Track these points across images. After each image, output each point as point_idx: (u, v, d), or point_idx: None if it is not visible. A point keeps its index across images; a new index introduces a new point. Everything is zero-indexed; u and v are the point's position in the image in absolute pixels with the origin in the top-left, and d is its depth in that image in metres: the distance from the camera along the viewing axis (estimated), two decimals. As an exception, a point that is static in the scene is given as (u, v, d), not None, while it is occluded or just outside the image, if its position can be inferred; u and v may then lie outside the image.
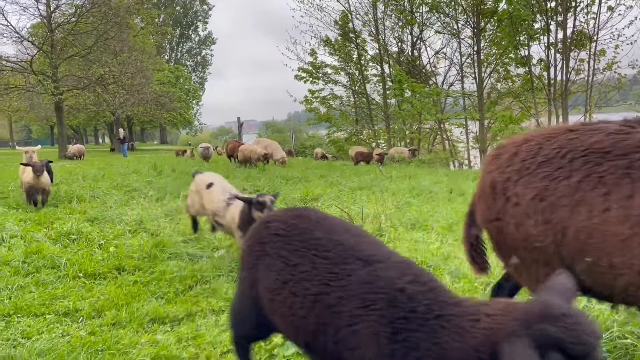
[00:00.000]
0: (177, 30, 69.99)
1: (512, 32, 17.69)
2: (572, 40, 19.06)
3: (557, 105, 19.41)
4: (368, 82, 28.61)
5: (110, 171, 14.75)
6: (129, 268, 4.89)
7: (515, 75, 21.23)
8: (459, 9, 20.21)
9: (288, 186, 11.01)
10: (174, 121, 53.23)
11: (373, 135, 28.04)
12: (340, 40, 27.68)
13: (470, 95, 21.56)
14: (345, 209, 6.95)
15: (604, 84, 19.29)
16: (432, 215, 6.84)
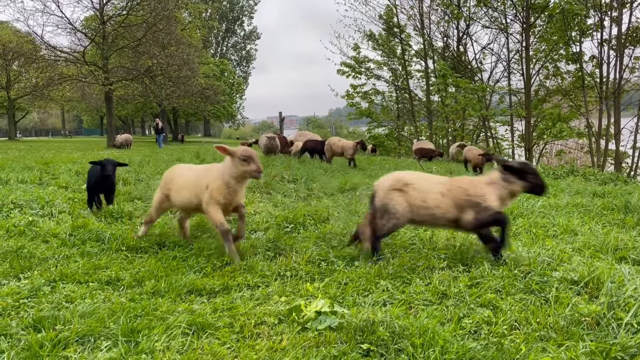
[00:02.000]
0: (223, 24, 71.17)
1: (564, 27, 17.04)
2: (627, 36, 18.20)
3: (609, 105, 18.60)
4: (411, 77, 28.26)
5: (155, 158, 15.16)
6: (169, 244, 5.03)
7: (565, 72, 20.46)
8: (508, 3, 19.63)
9: (326, 176, 11.02)
10: (217, 114, 54.19)
11: (414, 132, 27.70)
12: (384, 35, 27.43)
13: (517, 92, 20.94)
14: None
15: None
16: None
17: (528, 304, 3.33)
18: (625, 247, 4.71)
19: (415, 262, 4.27)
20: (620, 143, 18.57)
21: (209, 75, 47.53)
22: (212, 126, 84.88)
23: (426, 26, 24.93)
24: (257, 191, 8.32)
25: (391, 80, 28.93)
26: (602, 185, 11.81)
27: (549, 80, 21.16)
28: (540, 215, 6.24)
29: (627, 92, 19.41)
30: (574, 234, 5.33)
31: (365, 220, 4.55)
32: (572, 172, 13.34)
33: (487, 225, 4.23)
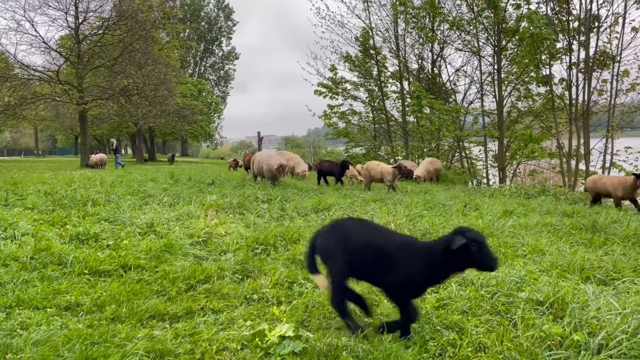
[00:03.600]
0: (202, 44, 71.30)
1: (534, 50, 17.50)
2: (594, 60, 18.78)
3: (579, 126, 19.07)
4: (387, 98, 28.61)
5: (128, 179, 14.92)
6: (135, 267, 4.90)
7: (536, 94, 20.94)
8: (480, 27, 20.11)
9: (301, 196, 10.98)
10: (195, 134, 53.85)
11: (391, 152, 27.93)
12: (360, 57, 27.80)
13: (490, 113, 21.34)
14: (356, 217, 6.87)
15: (627, 105, 18.92)
16: (444, 227, 6.72)
17: (494, 326, 3.31)
18: (591, 266, 4.76)
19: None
20: (590, 163, 19.01)
21: (187, 95, 47.40)
22: (190, 146, 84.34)
23: (401, 48, 25.36)
24: (230, 211, 8.23)
25: (367, 101, 29.24)
26: (572, 204, 12.03)
27: (520, 102, 21.62)
28: (510, 235, 6.29)
29: (596, 113, 19.93)
30: (542, 254, 5.38)
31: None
32: (544, 191, 13.56)
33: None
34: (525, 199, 13.02)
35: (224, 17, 72.60)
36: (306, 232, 5.99)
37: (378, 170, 13.91)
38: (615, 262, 4.85)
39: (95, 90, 31.47)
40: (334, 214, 8.05)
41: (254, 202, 9.26)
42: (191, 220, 7.22)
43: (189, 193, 10.89)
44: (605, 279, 4.42)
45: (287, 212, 8.00)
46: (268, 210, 8.39)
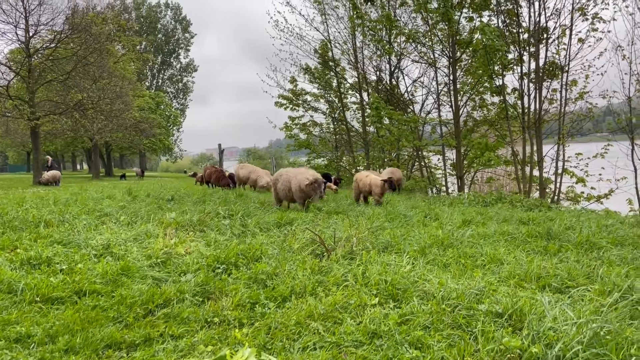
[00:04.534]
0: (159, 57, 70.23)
1: (487, 62, 18.04)
2: (544, 70, 19.51)
3: (532, 134, 19.73)
4: (347, 109, 28.91)
5: (83, 196, 14.46)
6: (90, 292, 4.72)
7: (490, 103, 21.59)
8: (435, 40, 20.62)
9: (263, 210, 10.89)
10: (153, 147, 52.83)
11: (353, 162, 28.16)
12: (319, 69, 28.00)
13: (447, 123, 21.84)
14: (318, 232, 6.86)
15: (576, 113, 19.70)
16: (405, 239, 6.79)
17: (455, 340, 3.35)
18: (547, 274, 4.90)
19: (347, 299, 4.23)
20: (543, 170, 19.66)
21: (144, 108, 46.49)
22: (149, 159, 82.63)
23: (360, 60, 25.69)
24: (190, 229, 8.07)
25: (328, 112, 29.45)
26: (527, 211, 12.41)
27: (476, 111, 22.22)
28: (469, 245, 6.41)
29: (547, 122, 20.67)
30: (500, 263, 5.50)
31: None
32: (500, 199, 13.94)
33: None
34: (483, 207, 13.34)
35: (182, 29, 71.84)
36: (268, 249, 5.92)
37: (367, 183, 13.17)
38: (570, 269, 5.01)
39: (48, 105, 30.45)
40: (297, 228, 8.01)
41: (214, 219, 9.13)
42: (149, 240, 7.03)
43: (148, 210, 10.64)
44: (561, 287, 4.56)
45: (249, 228, 7.91)
46: (229, 226, 8.28)
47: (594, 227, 7.91)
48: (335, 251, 5.79)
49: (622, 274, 4.83)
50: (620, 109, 18.38)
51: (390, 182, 12.72)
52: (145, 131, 43.54)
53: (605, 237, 6.82)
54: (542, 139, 19.64)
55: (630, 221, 10.10)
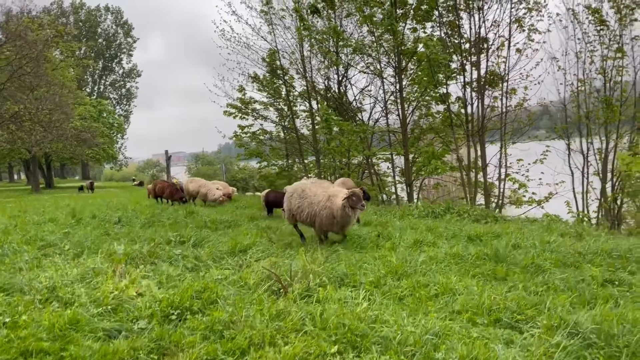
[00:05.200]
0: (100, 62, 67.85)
1: (431, 72, 18.52)
2: (485, 79, 20.26)
3: (475, 141, 20.45)
4: (297, 117, 28.94)
5: (22, 220, 13.76)
6: (37, 352, 4.48)
7: (436, 112, 22.22)
8: (381, 50, 20.98)
9: (217, 235, 10.73)
10: (97, 157, 50.94)
11: (304, 170, 28.22)
12: (268, 77, 27.88)
13: (395, 131, 22.28)
14: (274, 264, 6.84)
15: (517, 120, 20.58)
16: (360, 267, 6.87)
17: (415, 395, 3.42)
18: (497, 307, 5.08)
19: (307, 348, 4.23)
20: (487, 176, 20.43)
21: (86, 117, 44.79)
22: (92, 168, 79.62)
23: (308, 69, 25.79)
24: (140, 261, 7.83)
25: (278, 120, 29.37)
26: (475, 222, 12.84)
27: (422, 120, 22.77)
28: (422, 272, 6.56)
29: (490, 129, 21.49)
30: (453, 294, 5.66)
31: None
32: (449, 209, 14.34)
33: None
34: (433, 218, 13.70)
35: (124, 33, 69.73)
36: (224, 290, 5.82)
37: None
38: (519, 299, 5.21)
39: (-20, 118, 28.85)
40: (252, 256, 7.94)
41: (166, 247, 8.92)
42: (98, 279, 6.77)
43: (94, 237, 10.28)
44: (512, 322, 4.74)
45: (201, 259, 7.76)
46: (182, 256, 8.10)
47: (538, 243, 8.28)
48: (293, 287, 5.78)
49: (567, 304, 5.09)
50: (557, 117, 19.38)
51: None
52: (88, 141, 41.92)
53: (549, 258, 7.16)
54: (485, 146, 20.38)
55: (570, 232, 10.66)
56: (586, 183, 17.98)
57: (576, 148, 18.07)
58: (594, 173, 17.71)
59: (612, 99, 16.73)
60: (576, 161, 18.14)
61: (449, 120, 20.75)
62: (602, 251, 7.67)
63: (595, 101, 17.46)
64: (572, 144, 18.21)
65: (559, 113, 19.27)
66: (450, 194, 25.65)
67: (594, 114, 17.32)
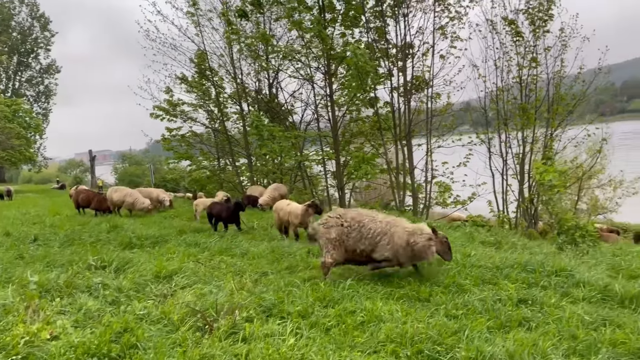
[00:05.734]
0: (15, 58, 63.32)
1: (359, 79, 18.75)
2: (412, 85, 20.85)
3: (403, 144, 21.02)
4: (228, 119, 28.45)
5: None
6: None
7: (366, 116, 22.58)
8: (311, 56, 21.02)
9: (142, 254, 10.32)
10: (12, 160, 47.52)
11: (236, 173, 27.82)
12: (196, 78, 27.15)
13: (326, 135, 22.43)
14: (198, 297, 6.66)
15: (442, 124, 21.35)
16: (289, 294, 6.83)
17: None
18: (420, 337, 5.21)
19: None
20: (415, 178, 21.09)
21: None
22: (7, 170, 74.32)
23: (238, 70, 25.38)
24: (57, 294, 7.36)
25: (208, 122, 28.72)
26: (403, 230, 13.15)
27: (353, 124, 23.07)
28: (349, 297, 6.62)
29: (418, 132, 22.16)
30: (379, 321, 5.75)
31: None
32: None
33: None
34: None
35: (40, 27, 65.40)
36: (145, 331, 5.58)
37: (287, 211, 12.01)
38: (440, 327, 5.38)
39: None
40: (179, 283, 7.69)
41: (86, 274, 8.44)
42: (8, 319, 6.29)
43: (6, 262, 9.60)
44: (433, 354, 4.88)
45: (123, 290, 7.40)
46: (102, 285, 7.69)
47: (460, 257, 8.62)
48: (219, 323, 5.65)
49: (484, 330, 5.32)
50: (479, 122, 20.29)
51: (314, 205, 11.56)
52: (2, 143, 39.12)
53: (469, 275, 7.46)
54: (412, 150, 21.00)
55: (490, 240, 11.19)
56: (505, 185, 18.95)
57: (496, 152, 18.98)
58: (512, 175, 18.69)
59: (527, 106, 17.72)
60: (497, 164, 19.08)
61: (378, 124, 21.18)
62: (517, 264, 8.10)
63: (512, 108, 18.42)
64: (492, 147, 19.11)
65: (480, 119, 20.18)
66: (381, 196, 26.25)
67: (512, 121, 18.27)
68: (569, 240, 10.98)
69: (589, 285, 6.87)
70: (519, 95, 18.31)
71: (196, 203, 18.34)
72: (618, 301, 6.48)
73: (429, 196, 21.06)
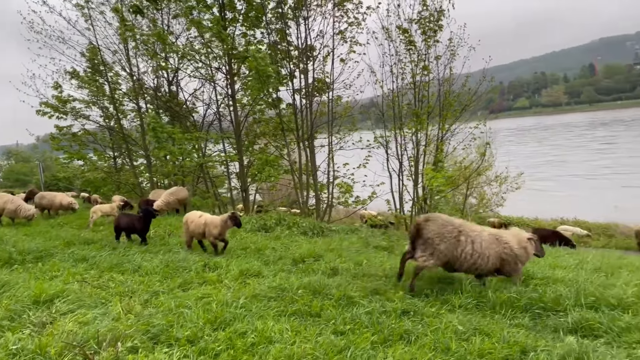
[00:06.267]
0: None
1: (260, 81, 18.66)
2: (313, 87, 21.14)
3: (306, 145, 21.29)
4: (125, 117, 27.10)
5: None
6: None
7: (269, 118, 22.55)
8: (212, 56, 20.56)
9: (22, 272, 9.55)
10: None
11: (134, 175, 26.61)
12: (89, 74, 25.51)
13: (229, 136, 22.11)
14: (81, 325, 6.31)
15: (343, 127, 21.88)
16: (179, 315, 6.67)
17: None
18: (307, 358, 5.34)
19: None
20: (317, 179, 21.47)
21: None
22: None
23: (135, 67, 24.21)
24: None
25: (103, 120, 27.14)
26: (303, 235, 13.39)
27: (256, 125, 22.94)
28: (241, 317, 6.61)
29: (321, 132, 22.54)
30: (269, 342, 5.80)
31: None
32: (280, 222, 14.73)
33: None
34: (264, 232, 13.95)
35: None
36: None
37: (201, 223, 11.40)
38: (326, 347, 5.55)
39: None
40: (60, 309, 7.21)
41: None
42: None
43: None
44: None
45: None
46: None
47: (353, 266, 8.94)
48: (100, 356, 5.40)
49: (368, 346, 5.57)
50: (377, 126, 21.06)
51: (234, 217, 11.15)
52: None
53: (359, 286, 7.76)
54: (314, 152, 21.34)
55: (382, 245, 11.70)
56: (402, 185, 19.87)
57: (393, 154, 19.83)
58: (407, 176, 19.65)
59: (419, 112, 18.68)
60: (394, 165, 19.92)
61: (281, 125, 21.26)
62: (405, 272, 8.55)
63: (407, 112, 19.33)
64: (389, 150, 19.93)
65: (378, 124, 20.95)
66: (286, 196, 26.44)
67: (406, 125, 19.16)
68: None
69: (465, 292, 7.42)
70: (413, 100, 19.22)
71: (94, 210, 17.34)
72: (491, 307, 7.07)
73: (331, 196, 21.54)
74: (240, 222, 11.36)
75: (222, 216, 11.38)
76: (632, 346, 5.40)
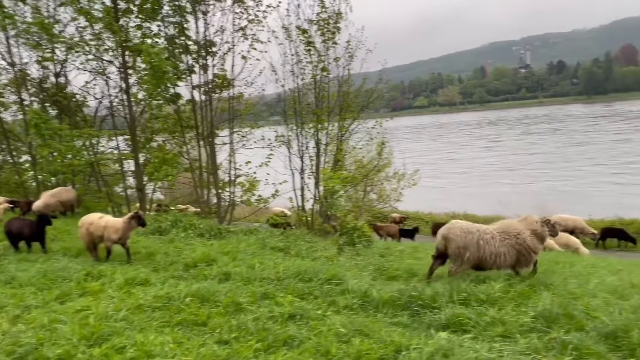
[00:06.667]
0: None
1: (155, 77, 17.90)
2: (214, 83, 20.71)
3: (206, 143, 20.84)
4: (6, 109, 24.72)
5: None
6: None
7: (167, 113, 21.69)
8: (103, 48, 19.36)
9: None
10: None
11: (17, 173, 24.46)
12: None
13: (123, 133, 20.99)
14: None
15: (245, 124, 21.63)
16: (52, 332, 6.22)
17: None
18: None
19: None
20: (218, 178, 21.11)
21: None
22: None
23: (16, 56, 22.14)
24: None
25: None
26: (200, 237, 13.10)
27: (154, 121, 21.96)
28: (122, 331, 6.30)
29: (222, 129, 22.12)
30: (149, 357, 5.59)
31: None
32: (176, 223, 14.24)
33: None
34: (159, 235, 13.45)
35: None
36: None
37: (101, 226, 10.60)
38: (209, 357, 5.47)
39: None
40: None
41: None
42: None
43: None
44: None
45: None
46: None
47: (245, 270, 8.90)
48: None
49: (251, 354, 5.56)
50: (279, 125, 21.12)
51: (137, 217, 10.63)
52: None
53: (250, 291, 7.74)
54: (215, 150, 20.94)
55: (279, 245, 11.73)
56: (303, 183, 20.12)
57: (295, 152, 20.00)
58: (308, 175, 19.93)
59: (319, 112, 19.00)
60: (296, 164, 20.11)
61: (180, 122, 20.60)
62: (298, 273, 8.67)
63: (307, 112, 19.56)
64: (291, 149, 20.08)
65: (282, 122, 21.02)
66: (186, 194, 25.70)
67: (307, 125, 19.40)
68: (349, 242, 12.13)
69: (352, 292, 7.67)
70: (314, 100, 19.49)
71: None
72: (374, 306, 7.36)
73: (232, 195, 21.29)
74: (144, 222, 10.93)
75: (124, 217, 10.77)
76: (494, 339, 5.88)
